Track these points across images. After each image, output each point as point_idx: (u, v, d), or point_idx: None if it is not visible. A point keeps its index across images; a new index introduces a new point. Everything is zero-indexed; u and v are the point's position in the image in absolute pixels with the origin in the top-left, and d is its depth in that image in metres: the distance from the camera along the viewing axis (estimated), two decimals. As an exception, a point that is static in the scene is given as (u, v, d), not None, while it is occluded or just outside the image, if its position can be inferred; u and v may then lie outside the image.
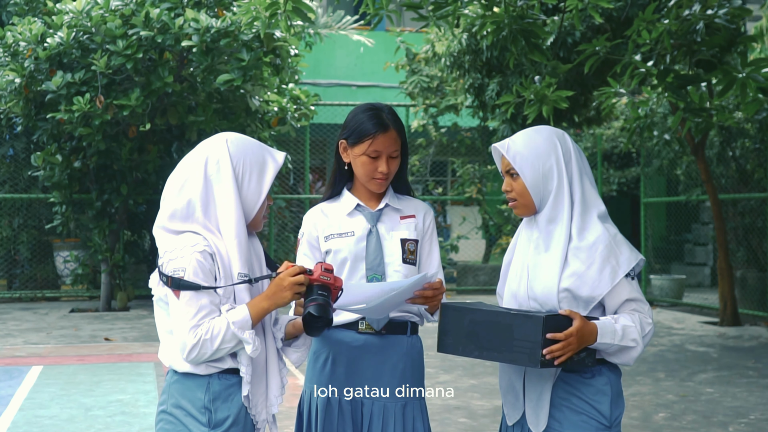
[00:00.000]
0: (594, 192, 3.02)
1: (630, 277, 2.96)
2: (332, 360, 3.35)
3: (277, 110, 13.12)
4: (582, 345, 2.85)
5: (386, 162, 3.30)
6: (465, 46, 11.30)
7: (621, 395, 3.04)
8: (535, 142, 3.02)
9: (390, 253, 3.34)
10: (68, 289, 15.01)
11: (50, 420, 6.81)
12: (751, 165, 13.26)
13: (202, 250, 2.81)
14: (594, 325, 2.87)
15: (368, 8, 5.60)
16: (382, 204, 3.38)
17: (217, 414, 2.86)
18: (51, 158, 12.74)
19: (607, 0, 5.85)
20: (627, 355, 2.95)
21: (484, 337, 2.90)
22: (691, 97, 6.74)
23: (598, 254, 2.92)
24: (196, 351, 2.76)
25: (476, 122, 16.66)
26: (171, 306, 2.83)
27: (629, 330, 2.91)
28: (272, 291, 2.83)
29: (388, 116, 3.32)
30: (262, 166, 2.93)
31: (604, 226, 2.97)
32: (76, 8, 11.60)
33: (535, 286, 3.00)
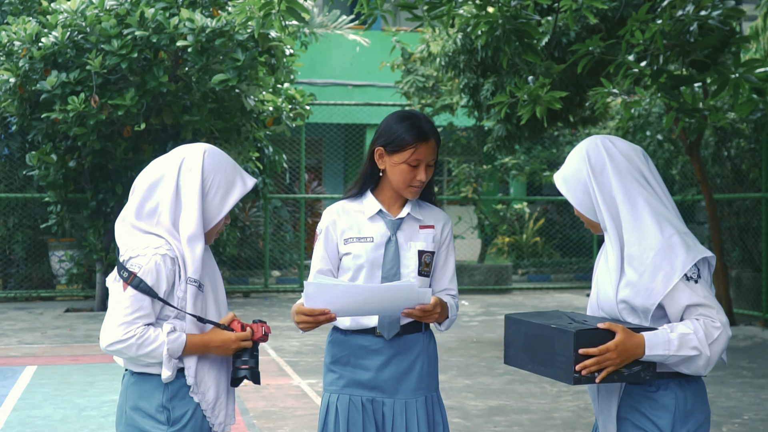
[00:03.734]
0: (642, 190, 2.84)
1: (692, 280, 2.75)
2: (351, 363, 3.40)
3: (273, 110, 13.12)
4: (626, 359, 2.68)
5: (425, 170, 3.35)
6: (460, 46, 11.30)
7: (694, 412, 2.83)
8: (570, 162, 2.97)
9: (407, 264, 3.38)
10: (63, 288, 14.99)
11: (43, 420, 6.80)
12: (746, 165, 13.27)
13: (164, 253, 2.90)
14: (641, 337, 2.69)
15: (363, 8, 5.60)
16: (404, 213, 3.42)
17: (175, 411, 2.93)
18: (46, 158, 12.73)
19: (601, 0, 5.85)
20: (693, 365, 2.73)
21: (535, 351, 2.83)
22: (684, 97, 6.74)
23: (650, 260, 2.76)
24: (118, 347, 2.84)
25: (472, 122, 16.67)
26: (113, 295, 2.90)
27: (687, 338, 2.70)
28: (217, 345, 2.95)
29: (426, 124, 3.36)
30: (230, 186, 3.03)
31: (659, 226, 2.79)
32: (71, 8, 11.59)
33: (600, 296, 2.92)
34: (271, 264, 17.29)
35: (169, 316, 2.92)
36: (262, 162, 15.00)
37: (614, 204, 2.86)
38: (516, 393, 7.88)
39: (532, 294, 16.75)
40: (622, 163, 2.89)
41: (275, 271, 17.61)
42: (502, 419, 6.97)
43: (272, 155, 15.22)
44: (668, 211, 2.85)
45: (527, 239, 19.35)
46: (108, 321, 2.87)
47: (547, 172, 17.13)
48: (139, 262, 2.87)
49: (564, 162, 3.02)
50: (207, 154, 3.01)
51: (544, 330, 2.78)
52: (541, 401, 7.58)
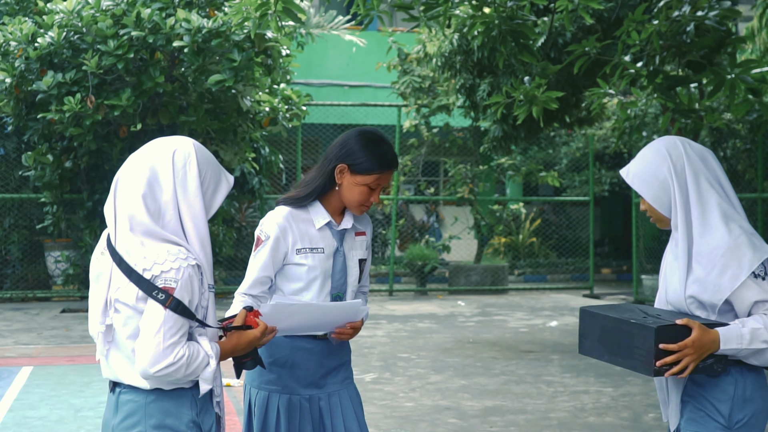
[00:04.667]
0: (713, 193, 3.01)
1: (759, 277, 2.92)
2: (291, 364, 3.46)
3: (269, 110, 13.11)
4: (703, 354, 2.87)
5: (378, 193, 3.44)
6: (456, 46, 11.30)
7: (752, 399, 2.99)
8: (646, 158, 3.11)
9: (351, 273, 3.52)
10: (59, 289, 14.97)
11: (40, 421, 6.80)
12: (742, 165, 13.29)
13: (193, 263, 2.69)
14: (716, 332, 2.88)
15: (359, 8, 5.60)
16: (348, 223, 3.50)
17: (204, 425, 2.81)
18: (42, 158, 12.72)
19: (597, 1, 5.85)
20: (762, 357, 2.91)
21: (612, 343, 3.00)
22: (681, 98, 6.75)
23: (718, 258, 2.92)
24: (170, 370, 2.63)
25: (468, 122, 16.68)
26: (151, 314, 2.65)
27: (758, 332, 2.88)
28: (244, 347, 2.87)
29: (392, 153, 3.44)
30: (219, 182, 2.87)
31: (728, 227, 2.96)
32: (67, 8, 11.57)
33: (669, 292, 3.09)
34: (268, 264, 17.26)
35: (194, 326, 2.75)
36: (259, 162, 15.00)
37: (687, 203, 3.02)
38: (512, 393, 7.88)
39: (528, 294, 16.75)
40: (697, 165, 3.05)
41: (271, 272, 17.57)
42: (498, 419, 6.98)
43: (268, 156, 15.22)
44: (736, 213, 3.02)
45: (523, 240, 19.36)
46: (150, 344, 2.62)
47: (544, 173, 17.13)
48: (174, 276, 2.65)
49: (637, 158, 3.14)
50: (197, 146, 2.84)
51: (623, 324, 2.95)
52: (538, 402, 7.58)
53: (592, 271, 17.17)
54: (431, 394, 7.84)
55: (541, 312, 13.85)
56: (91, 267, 2.85)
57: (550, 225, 20.56)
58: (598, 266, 19.45)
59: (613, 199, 20.87)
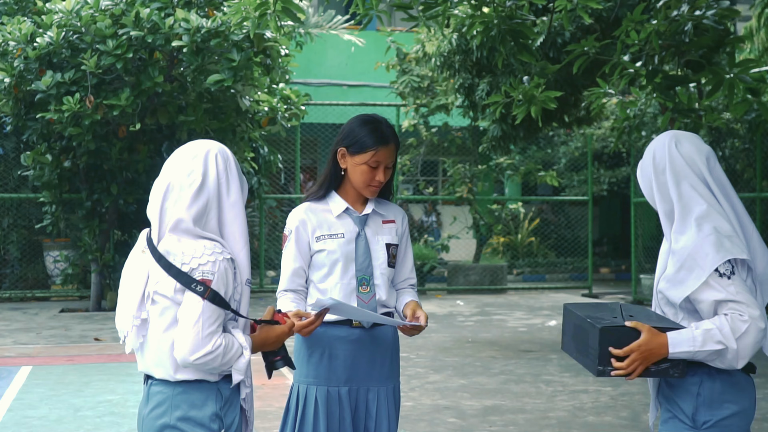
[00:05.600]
0: (696, 195, 2.98)
1: (725, 276, 2.86)
2: (329, 355, 3.55)
3: (268, 110, 13.12)
4: (651, 358, 2.86)
5: (383, 171, 3.54)
6: (455, 46, 11.30)
7: (722, 403, 2.93)
8: (644, 156, 3.15)
9: (377, 257, 3.59)
10: (58, 289, 14.97)
11: (39, 420, 6.80)
12: (741, 165, 13.30)
13: (228, 257, 2.86)
14: (664, 336, 2.85)
15: (358, 8, 5.60)
16: (369, 209, 3.63)
17: (227, 419, 2.92)
18: (41, 158, 12.72)
19: (596, 0, 5.85)
20: (724, 359, 2.84)
21: (578, 341, 3.03)
22: (680, 97, 6.75)
23: (685, 257, 2.91)
24: (209, 358, 2.78)
25: (467, 122, 16.67)
26: (189, 305, 2.79)
27: (710, 333, 2.82)
28: (273, 341, 3.01)
29: (387, 129, 3.57)
30: (243, 184, 3.02)
31: (699, 227, 2.93)
32: (66, 8, 11.58)
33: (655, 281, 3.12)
34: (266, 264, 17.28)
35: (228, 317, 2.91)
36: (258, 162, 14.99)
37: (670, 202, 3.03)
38: (511, 393, 7.89)
39: (527, 294, 16.76)
40: (680, 166, 3.03)
41: (270, 271, 17.60)
42: (497, 419, 6.98)
43: (267, 155, 15.22)
44: (717, 213, 2.96)
45: (522, 239, 19.37)
46: (190, 332, 2.77)
47: (542, 172, 17.14)
48: (211, 269, 2.81)
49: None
50: (229, 151, 3.01)
51: (583, 322, 2.99)
52: (537, 401, 7.59)
53: (590, 271, 17.17)
54: (430, 393, 7.84)
55: (539, 311, 13.85)
56: (127, 264, 2.99)
57: (548, 224, 20.57)
58: (596, 266, 19.46)
59: (611, 198, 20.87)
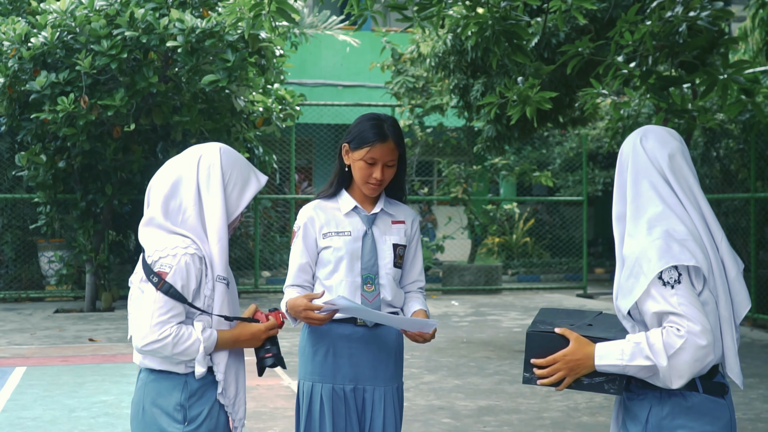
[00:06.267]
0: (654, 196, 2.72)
1: (668, 285, 2.57)
2: (333, 353, 3.56)
3: (263, 110, 13.12)
4: (576, 369, 2.65)
5: (381, 169, 3.52)
6: (450, 46, 11.31)
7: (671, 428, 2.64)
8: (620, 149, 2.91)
9: (383, 256, 3.59)
10: (53, 289, 14.95)
11: (33, 421, 6.79)
12: (735, 165, 13.32)
13: (192, 252, 2.97)
14: (592, 347, 2.64)
15: (353, 9, 5.61)
16: (377, 208, 3.63)
17: (191, 410, 3.00)
18: (35, 158, 12.70)
19: (590, 1, 5.86)
20: (657, 378, 2.59)
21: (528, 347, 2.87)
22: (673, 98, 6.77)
23: (633, 263, 2.64)
24: (155, 346, 2.90)
25: (462, 122, 16.69)
26: (145, 295, 2.95)
27: (639, 348, 2.57)
28: (247, 338, 3.06)
29: (389, 127, 3.54)
30: (246, 182, 3.13)
31: (650, 229, 2.66)
32: (60, 8, 11.57)
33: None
34: (261, 264, 17.28)
35: (196, 313, 2.99)
36: (252, 162, 14.98)
37: (624, 202, 2.79)
38: (506, 393, 7.89)
39: (522, 294, 16.77)
40: (642, 164, 2.77)
41: (265, 272, 17.60)
42: (491, 419, 6.99)
43: (262, 156, 15.20)
44: (673, 216, 2.69)
45: (517, 239, 19.38)
46: (142, 321, 2.92)
47: (537, 173, 17.16)
48: (170, 262, 2.93)
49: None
50: (222, 151, 3.11)
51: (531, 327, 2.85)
52: (531, 401, 7.59)
53: (585, 271, 17.19)
54: (425, 394, 7.85)
55: (534, 312, 13.85)
56: None
57: (543, 225, 20.58)
58: (591, 266, 19.47)
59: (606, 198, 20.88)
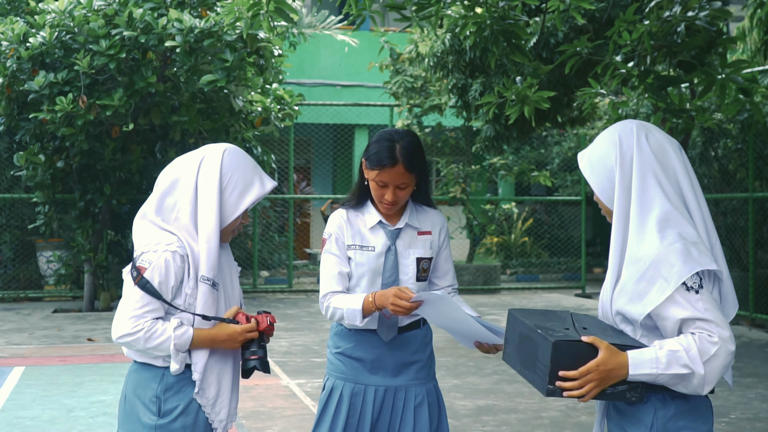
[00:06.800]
0: (660, 193, 2.63)
1: (692, 290, 2.53)
2: (357, 354, 3.59)
3: (261, 110, 13.12)
4: (608, 379, 2.52)
5: (392, 192, 3.50)
6: (448, 46, 11.32)
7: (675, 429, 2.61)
8: (600, 144, 2.76)
9: (405, 271, 3.58)
10: (51, 289, 14.95)
11: (32, 421, 6.79)
12: (734, 165, 13.32)
13: (174, 250, 2.98)
14: (625, 356, 2.52)
15: (351, 8, 5.60)
16: (402, 223, 3.60)
17: (167, 404, 3.02)
18: (34, 158, 12.70)
19: (588, 1, 5.86)
20: (688, 384, 2.51)
21: (524, 352, 2.69)
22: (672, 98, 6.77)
23: (647, 266, 2.55)
24: (128, 339, 2.95)
25: (460, 122, 16.69)
26: (125, 287, 3.02)
27: (676, 355, 2.49)
28: (224, 338, 3.03)
29: (401, 150, 3.47)
30: (247, 186, 3.10)
31: (662, 233, 2.58)
32: (59, 8, 11.56)
33: (602, 296, 2.77)
34: (260, 264, 17.28)
35: (178, 310, 3.00)
36: (251, 162, 14.96)
37: (628, 200, 2.67)
38: (504, 393, 7.90)
39: (520, 294, 16.77)
40: (648, 157, 2.68)
41: (264, 272, 17.60)
42: (490, 419, 6.99)
43: (261, 156, 15.20)
44: (681, 217, 2.63)
45: (516, 239, 19.38)
46: (119, 313, 2.97)
47: (536, 173, 17.17)
48: (150, 258, 2.96)
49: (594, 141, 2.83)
50: (227, 152, 3.10)
51: (532, 332, 2.64)
52: (530, 401, 7.60)
53: (584, 271, 17.20)
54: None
55: (533, 311, 13.84)
56: None
57: (542, 225, 20.58)
58: (590, 265, 19.48)
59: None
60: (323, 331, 11.66)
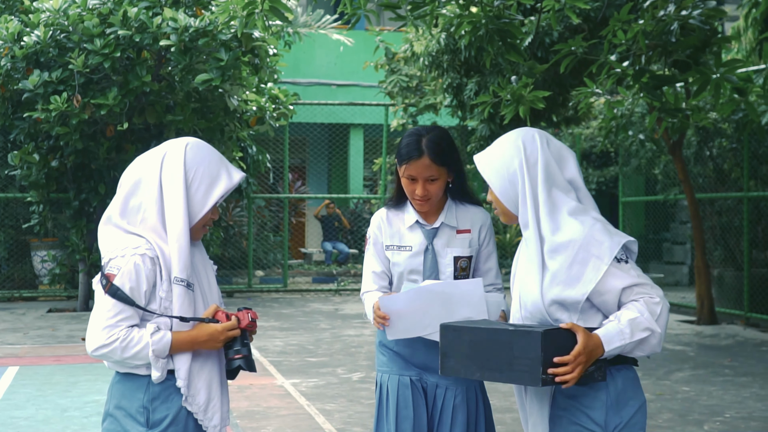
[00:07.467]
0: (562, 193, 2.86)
1: (623, 261, 2.77)
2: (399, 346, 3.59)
3: (256, 110, 13.11)
4: (591, 360, 2.69)
5: (423, 186, 3.48)
6: (443, 45, 11.31)
7: (627, 401, 2.83)
8: (501, 148, 2.94)
9: (443, 270, 3.55)
10: (46, 288, 14.92)
11: (26, 421, 6.77)
12: (728, 164, 13.34)
13: (143, 253, 2.85)
14: (597, 336, 2.70)
15: (346, 8, 5.59)
16: (438, 222, 3.58)
17: (155, 414, 2.89)
18: (28, 157, 12.67)
19: (583, 0, 5.86)
20: (647, 346, 2.73)
21: (485, 357, 2.76)
22: (667, 97, 6.76)
23: (576, 251, 2.76)
24: (103, 351, 2.83)
25: (455, 122, 16.69)
26: (96, 297, 2.88)
27: (636, 322, 2.70)
28: (204, 339, 2.90)
29: (427, 142, 3.48)
30: (214, 179, 2.96)
31: (579, 219, 2.80)
32: (54, 7, 11.55)
33: (524, 296, 2.90)
34: (255, 264, 17.27)
35: (154, 314, 2.87)
36: (246, 162, 14.97)
37: (536, 201, 2.85)
38: (499, 392, 7.89)
39: (515, 293, 16.76)
40: (550, 163, 2.89)
41: (259, 271, 17.59)
42: (485, 418, 6.98)
43: (256, 155, 15.20)
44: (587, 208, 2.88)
45: (511, 239, 19.39)
46: (92, 325, 2.84)
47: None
48: (118, 264, 2.83)
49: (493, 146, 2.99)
50: (189, 147, 2.97)
51: (498, 334, 2.72)
52: (525, 400, 7.59)
53: (579, 270, 17.19)
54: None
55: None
56: None
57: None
58: (585, 265, 19.48)
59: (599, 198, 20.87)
60: (318, 330, 11.65)
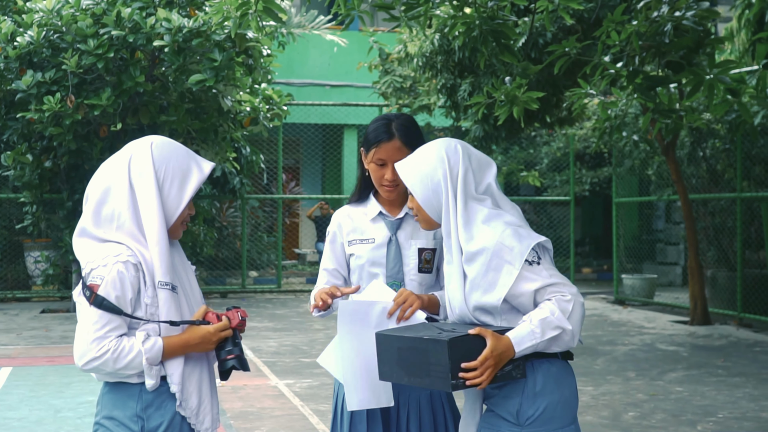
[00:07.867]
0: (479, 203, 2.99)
1: (534, 263, 2.87)
2: None
3: (250, 110, 13.09)
4: (501, 362, 2.78)
5: (392, 170, 3.42)
6: (437, 46, 11.31)
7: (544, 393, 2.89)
8: (425, 158, 3.05)
9: (407, 262, 3.49)
10: (39, 289, 14.90)
11: (19, 422, 6.76)
12: (722, 165, 13.37)
13: (125, 260, 2.78)
14: (507, 338, 2.79)
15: (340, 8, 5.59)
16: (402, 213, 3.53)
17: (150, 422, 2.84)
18: (21, 158, 12.65)
19: (577, 1, 5.86)
20: (561, 342, 2.83)
21: (409, 363, 2.86)
22: (660, 98, 6.77)
23: (490, 257, 2.88)
24: (95, 363, 2.75)
25: (449, 122, 16.69)
26: (80, 310, 2.79)
27: (546, 321, 2.80)
28: (197, 341, 2.87)
29: (396, 125, 3.45)
30: (186, 174, 2.90)
31: (490, 226, 2.92)
32: (47, 7, 11.52)
33: (452, 301, 3.01)
34: (249, 264, 17.25)
35: (141, 323, 2.82)
36: (240, 162, 14.96)
37: (455, 209, 2.96)
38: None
39: (509, 294, 16.77)
40: (469, 174, 3.00)
41: (252, 272, 17.58)
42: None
43: (250, 155, 15.19)
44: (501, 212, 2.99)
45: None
46: (79, 338, 2.76)
47: (525, 173, 17.18)
48: (101, 273, 2.75)
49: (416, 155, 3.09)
50: (155, 145, 2.90)
51: (416, 342, 2.83)
52: (518, 401, 7.59)
53: (572, 271, 17.22)
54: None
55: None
56: None
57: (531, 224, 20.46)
58: (578, 266, 19.52)
59: (593, 198, 20.94)
60: (312, 331, 11.64)
